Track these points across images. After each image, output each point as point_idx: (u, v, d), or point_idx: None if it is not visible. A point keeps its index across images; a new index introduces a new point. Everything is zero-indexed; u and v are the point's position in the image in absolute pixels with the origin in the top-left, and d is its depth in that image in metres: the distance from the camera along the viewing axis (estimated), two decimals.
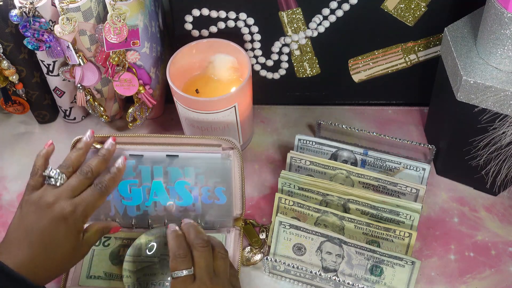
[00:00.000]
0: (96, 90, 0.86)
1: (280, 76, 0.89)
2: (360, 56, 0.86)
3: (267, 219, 0.80)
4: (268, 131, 0.90)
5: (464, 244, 0.76)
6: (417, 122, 0.91)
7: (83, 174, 0.66)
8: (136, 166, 0.74)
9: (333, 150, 0.82)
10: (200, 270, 0.62)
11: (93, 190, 0.66)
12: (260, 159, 0.87)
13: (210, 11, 0.81)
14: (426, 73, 0.87)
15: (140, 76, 0.83)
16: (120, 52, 0.79)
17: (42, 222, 0.62)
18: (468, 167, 0.77)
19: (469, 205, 0.80)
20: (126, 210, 0.76)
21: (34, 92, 0.87)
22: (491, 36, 0.68)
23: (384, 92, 0.91)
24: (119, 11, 0.75)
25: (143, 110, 0.87)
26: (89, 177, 0.66)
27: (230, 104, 0.77)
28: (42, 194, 0.64)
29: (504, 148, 0.70)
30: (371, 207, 0.74)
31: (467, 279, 0.73)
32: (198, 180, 0.74)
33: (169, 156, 0.74)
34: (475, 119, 0.71)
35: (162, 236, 0.73)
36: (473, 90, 0.69)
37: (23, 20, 0.75)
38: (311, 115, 0.92)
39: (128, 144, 0.74)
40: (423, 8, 0.80)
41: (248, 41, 0.85)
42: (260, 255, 0.76)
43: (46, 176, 0.66)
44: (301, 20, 0.82)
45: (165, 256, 0.72)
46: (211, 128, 0.80)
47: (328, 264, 0.72)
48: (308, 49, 0.85)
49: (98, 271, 0.74)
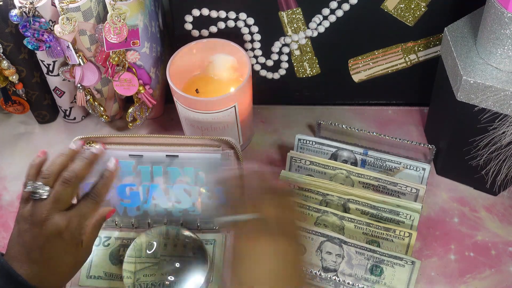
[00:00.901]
0: (96, 90, 0.86)
1: (280, 76, 0.89)
2: (360, 56, 0.86)
3: None
4: (268, 131, 0.90)
5: (464, 244, 0.76)
6: (417, 122, 0.90)
7: (67, 181, 0.61)
8: (136, 166, 0.74)
9: (333, 150, 0.82)
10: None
11: (87, 201, 0.63)
12: (260, 159, 0.87)
13: (210, 11, 0.81)
14: (426, 73, 0.87)
15: (140, 76, 0.83)
16: (120, 52, 0.79)
17: (39, 241, 0.60)
18: (468, 167, 0.77)
19: (469, 205, 0.80)
20: (125, 210, 0.76)
21: (34, 92, 0.87)
22: (491, 36, 0.68)
23: (384, 92, 0.91)
24: (119, 11, 0.75)
25: (143, 110, 0.87)
26: (73, 183, 0.62)
27: (230, 104, 0.77)
28: (33, 210, 0.61)
29: (504, 148, 0.70)
30: (371, 207, 0.74)
31: (467, 279, 0.73)
32: (197, 180, 0.74)
33: (169, 156, 0.74)
34: (475, 119, 0.71)
35: (162, 236, 0.73)
36: (473, 90, 0.69)
37: (23, 20, 0.75)
38: (311, 115, 0.92)
39: (128, 144, 0.74)
40: (423, 8, 0.80)
41: (248, 41, 0.85)
42: None
43: (30, 192, 0.61)
44: (301, 20, 0.82)
45: (165, 257, 0.72)
46: (211, 128, 0.80)
47: (328, 264, 0.72)
48: (308, 49, 0.85)
49: (98, 271, 0.74)
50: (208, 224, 0.77)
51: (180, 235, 0.73)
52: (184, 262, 0.71)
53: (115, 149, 0.74)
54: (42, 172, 0.62)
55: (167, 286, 0.70)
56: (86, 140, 0.73)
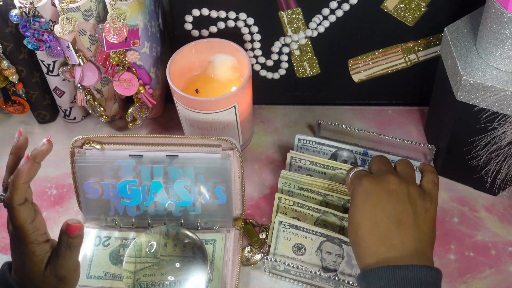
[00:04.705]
0: (96, 90, 0.86)
1: (280, 76, 0.89)
2: (360, 56, 0.86)
3: (267, 219, 0.80)
4: (268, 131, 0.90)
5: (464, 244, 0.76)
6: (417, 122, 0.91)
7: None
8: (136, 166, 0.74)
9: (333, 150, 0.82)
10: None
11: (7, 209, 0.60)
12: (260, 159, 0.87)
13: (210, 11, 0.81)
14: (426, 73, 0.87)
15: (140, 76, 0.83)
16: (120, 52, 0.79)
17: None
18: (468, 167, 0.77)
19: (469, 205, 0.80)
20: (125, 210, 0.76)
21: (34, 92, 0.87)
22: (491, 36, 0.68)
23: (384, 92, 0.91)
24: (119, 11, 0.75)
25: (143, 110, 0.87)
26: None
27: (230, 104, 0.77)
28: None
29: (504, 148, 0.70)
30: None
31: (467, 279, 0.73)
32: (197, 180, 0.74)
33: (169, 156, 0.74)
34: (475, 119, 0.71)
35: (162, 236, 0.74)
36: (473, 90, 0.69)
37: (23, 20, 0.75)
38: (311, 115, 0.92)
39: (128, 144, 0.74)
40: (423, 8, 0.80)
41: (248, 41, 0.85)
42: (260, 255, 0.76)
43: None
44: (301, 20, 0.82)
45: (165, 257, 0.72)
46: (211, 128, 0.80)
47: (328, 264, 0.72)
48: (308, 49, 0.85)
49: (98, 271, 0.74)
50: (208, 224, 0.77)
51: (180, 235, 0.73)
52: (184, 262, 0.71)
53: (115, 149, 0.74)
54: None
55: (167, 286, 0.70)
56: (86, 140, 0.73)
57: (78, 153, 0.74)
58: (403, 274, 0.56)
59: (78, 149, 0.74)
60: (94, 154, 0.74)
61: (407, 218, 0.60)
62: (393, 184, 0.63)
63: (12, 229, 0.60)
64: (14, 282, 0.59)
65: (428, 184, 0.65)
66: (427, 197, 0.63)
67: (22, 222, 0.59)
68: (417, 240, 0.59)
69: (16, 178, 0.59)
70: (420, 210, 0.62)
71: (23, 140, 0.63)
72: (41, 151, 0.61)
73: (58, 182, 0.85)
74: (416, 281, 0.55)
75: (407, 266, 0.56)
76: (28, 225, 0.59)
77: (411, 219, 0.60)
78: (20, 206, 0.59)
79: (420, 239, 0.60)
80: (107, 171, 0.74)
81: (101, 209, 0.76)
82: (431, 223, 0.62)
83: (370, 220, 0.61)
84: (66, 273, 0.61)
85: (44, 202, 0.83)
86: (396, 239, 0.59)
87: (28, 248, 0.59)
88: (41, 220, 0.61)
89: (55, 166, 0.86)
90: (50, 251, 0.61)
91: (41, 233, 0.61)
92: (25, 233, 0.59)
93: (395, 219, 0.60)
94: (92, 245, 0.76)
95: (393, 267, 0.57)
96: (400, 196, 0.62)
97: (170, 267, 0.71)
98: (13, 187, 0.59)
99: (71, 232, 0.61)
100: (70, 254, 0.62)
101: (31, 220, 0.59)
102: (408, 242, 0.59)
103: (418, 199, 0.62)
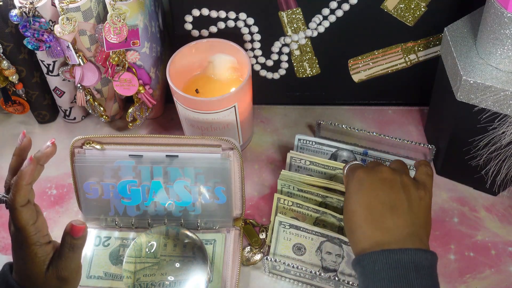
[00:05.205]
0: (96, 90, 0.86)
1: (280, 76, 0.89)
2: (360, 56, 0.86)
3: (267, 219, 0.80)
4: (268, 131, 0.90)
5: (464, 244, 0.76)
6: (417, 122, 0.90)
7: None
8: (136, 166, 0.74)
9: (333, 150, 0.82)
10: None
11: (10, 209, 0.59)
12: (260, 159, 0.87)
13: (210, 11, 0.81)
14: (426, 73, 0.87)
15: (140, 76, 0.83)
16: (120, 52, 0.79)
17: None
18: (468, 167, 0.77)
19: (469, 205, 0.80)
20: (125, 210, 0.76)
21: (34, 92, 0.88)
22: (491, 36, 0.68)
23: (384, 92, 0.91)
24: (119, 11, 0.75)
25: (143, 110, 0.87)
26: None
27: (230, 104, 0.77)
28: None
29: (504, 148, 0.70)
30: None
31: (467, 279, 0.73)
32: (197, 180, 0.74)
33: (169, 156, 0.74)
34: (475, 119, 0.71)
35: (162, 236, 0.74)
36: (473, 90, 0.69)
37: (23, 20, 0.75)
38: (311, 115, 0.92)
39: (128, 144, 0.74)
40: (423, 8, 0.80)
41: (248, 41, 0.85)
42: (260, 255, 0.76)
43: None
44: (301, 20, 0.82)
45: (165, 257, 0.72)
46: (211, 128, 0.80)
47: (328, 264, 0.72)
48: (308, 49, 0.85)
49: (98, 271, 0.74)
50: (208, 224, 0.77)
51: (180, 235, 0.73)
52: (184, 262, 0.71)
53: (115, 149, 0.74)
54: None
55: (167, 286, 0.70)
56: (86, 140, 0.73)
57: (78, 153, 0.74)
58: (398, 257, 0.56)
59: (78, 149, 0.74)
60: (94, 154, 0.74)
61: (401, 205, 0.61)
62: (387, 174, 0.63)
63: (14, 230, 0.60)
64: (15, 283, 0.59)
65: (421, 175, 0.66)
66: (420, 187, 0.63)
67: (25, 223, 0.59)
68: (411, 225, 0.60)
69: (19, 180, 0.58)
70: (414, 198, 0.62)
71: (27, 141, 0.63)
72: (45, 154, 0.61)
73: (58, 182, 0.85)
74: (410, 265, 0.55)
75: (402, 249, 0.56)
76: (30, 226, 0.59)
77: (405, 206, 0.61)
78: (23, 207, 0.59)
79: (415, 224, 0.60)
80: (107, 171, 0.74)
81: (101, 209, 0.76)
82: (426, 212, 0.62)
83: (365, 207, 0.61)
84: (68, 274, 0.61)
85: (44, 202, 0.83)
86: (391, 223, 0.59)
87: (30, 250, 0.59)
88: (43, 222, 0.61)
89: (55, 166, 0.86)
90: (52, 252, 0.61)
91: (43, 234, 0.61)
92: (27, 234, 0.59)
93: (389, 205, 0.61)
94: (92, 245, 0.76)
95: (387, 251, 0.57)
96: (393, 184, 0.62)
97: (170, 267, 0.71)
98: (15, 188, 0.58)
99: (75, 233, 0.61)
100: (73, 256, 0.61)
101: (33, 221, 0.59)
102: (403, 226, 0.59)
103: (412, 188, 0.63)
